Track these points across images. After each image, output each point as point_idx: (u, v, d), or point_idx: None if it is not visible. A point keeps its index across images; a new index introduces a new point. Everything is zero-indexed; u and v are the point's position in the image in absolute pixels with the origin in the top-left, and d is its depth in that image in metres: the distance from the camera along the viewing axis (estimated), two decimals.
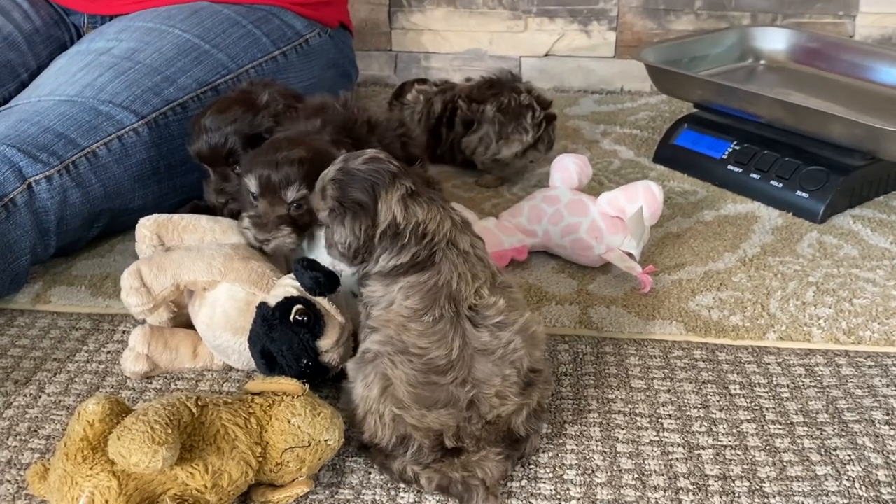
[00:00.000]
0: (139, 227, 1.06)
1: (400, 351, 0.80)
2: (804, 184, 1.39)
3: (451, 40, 2.05)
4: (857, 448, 0.90)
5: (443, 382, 0.80)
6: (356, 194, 0.84)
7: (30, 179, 1.13)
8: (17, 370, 1.04)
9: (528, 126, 1.48)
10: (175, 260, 0.98)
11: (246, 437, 0.78)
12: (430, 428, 0.80)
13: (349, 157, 0.88)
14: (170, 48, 1.32)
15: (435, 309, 0.81)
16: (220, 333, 0.98)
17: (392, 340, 0.81)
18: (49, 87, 1.25)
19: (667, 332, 1.09)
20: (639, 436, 0.92)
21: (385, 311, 0.82)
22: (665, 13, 1.96)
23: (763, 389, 0.99)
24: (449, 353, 0.80)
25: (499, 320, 0.82)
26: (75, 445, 0.75)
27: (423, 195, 0.85)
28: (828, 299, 1.15)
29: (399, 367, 0.80)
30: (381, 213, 0.83)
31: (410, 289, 0.82)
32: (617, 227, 1.20)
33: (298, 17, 1.49)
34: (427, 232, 0.83)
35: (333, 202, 0.85)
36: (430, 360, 0.80)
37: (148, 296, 0.97)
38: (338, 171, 0.87)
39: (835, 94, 1.58)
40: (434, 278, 0.82)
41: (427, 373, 0.80)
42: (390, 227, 0.83)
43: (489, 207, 1.43)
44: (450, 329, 0.80)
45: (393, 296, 0.82)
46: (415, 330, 0.80)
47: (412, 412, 0.80)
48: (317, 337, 0.92)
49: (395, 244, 0.83)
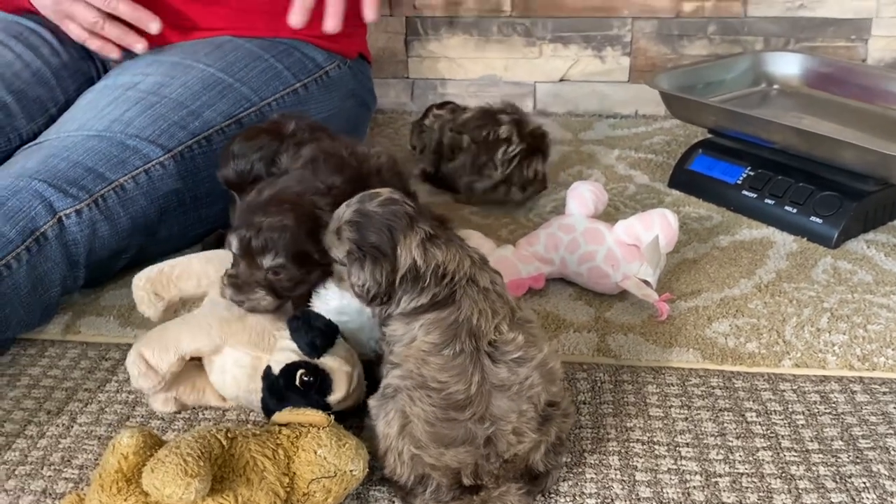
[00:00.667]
0: (135, 290, 1.08)
1: (419, 385, 0.81)
2: (818, 209, 1.40)
3: (467, 67, 2.08)
4: (871, 475, 0.91)
5: (461, 419, 0.81)
6: (374, 238, 0.85)
7: (60, 213, 1.16)
8: (49, 400, 1.07)
9: (497, 162, 1.48)
10: (174, 334, 1.00)
11: (274, 468, 0.80)
12: (448, 466, 0.81)
13: (364, 198, 0.88)
14: (195, 82, 1.35)
15: (455, 343, 0.82)
16: (234, 394, 1.01)
17: (412, 374, 0.82)
18: (78, 122, 1.28)
19: (684, 360, 1.11)
20: (657, 464, 0.93)
21: (406, 348, 0.84)
22: (678, 38, 1.98)
23: (779, 417, 1.01)
24: (468, 387, 0.81)
25: (517, 356, 0.83)
26: (110, 477, 0.77)
27: (441, 236, 0.87)
28: (842, 325, 1.17)
29: (418, 404, 0.81)
30: (401, 258, 0.85)
31: (431, 325, 0.83)
32: (633, 255, 1.22)
33: (319, 49, 1.52)
34: (447, 272, 0.85)
35: (351, 245, 0.87)
36: (448, 394, 0.81)
37: (156, 377, 0.98)
38: (354, 212, 0.87)
39: (848, 119, 1.60)
40: (454, 314, 0.83)
41: (446, 409, 0.81)
42: (410, 270, 0.84)
43: (506, 234, 1.45)
44: (469, 364, 0.81)
45: (414, 332, 0.84)
46: (434, 363, 0.81)
47: (430, 451, 0.81)
48: (326, 394, 0.93)
49: (416, 287, 0.84)
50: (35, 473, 0.94)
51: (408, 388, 0.82)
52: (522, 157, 1.48)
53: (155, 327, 1.04)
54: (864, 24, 1.91)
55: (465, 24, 2.04)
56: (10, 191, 1.14)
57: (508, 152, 1.47)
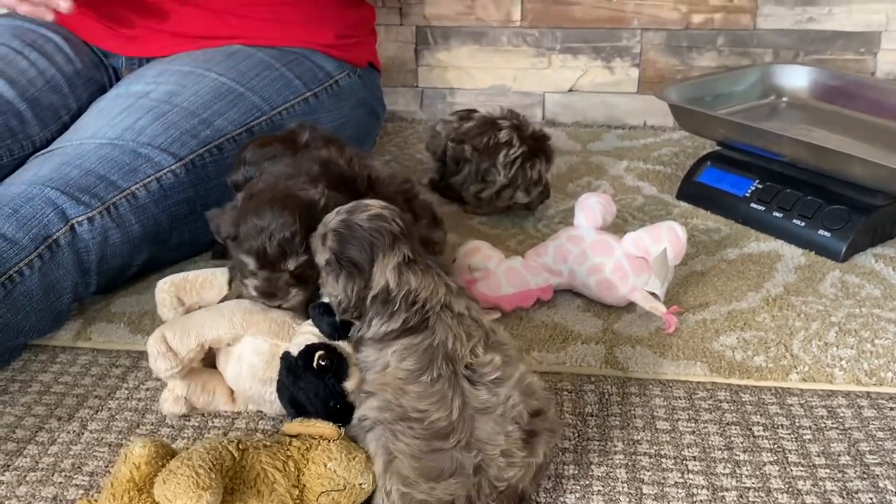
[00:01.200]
0: (158, 293, 1.09)
1: (400, 417, 0.80)
2: (826, 223, 1.41)
3: (476, 77, 2.09)
4: (878, 491, 0.91)
5: (446, 448, 0.79)
6: (353, 253, 0.86)
7: (72, 221, 1.17)
8: (60, 407, 1.07)
9: (499, 166, 1.49)
10: (197, 321, 1.01)
11: (284, 481, 0.81)
12: (441, 500, 0.79)
13: (355, 209, 0.88)
14: (206, 91, 1.36)
15: (432, 369, 0.81)
16: (249, 386, 1.01)
17: (391, 405, 0.81)
18: (90, 130, 1.29)
19: (691, 373, 1.11)
20: (664, 477, 0.94)
21: (381, 375, 0.83)
22: (687, 50, 1.99)
23: (786, 431, 1.01)
24: (449, 414, 0.80)
25: (495, 376, 0.83)
26: (122, 486, 0.78)
27: (420, 262, 0.87)
28: (850, 340, 1.17)
29: (401, 439, 0.79)
30: (375, 278, 0.85)
31: (405, 351, 0.83)
32: (641, 268, 1.22)
33: (329, 58, 1.53)
34: (417, 300, 0.84)
35: (331, 255, 0.87)
36: (431, 423, 0.79)
37: (175, 359, 0.99)
38: (341, 221, 0.88)
39: (857, 132, 1.60)
40: (428, 339, 0.83)
41: (430, 439, 0.79)
42: (382, 292, 0.85)
43: (514, 245, 1.46)
44: (448, 388, 0.80)
45: (387, 359, 0.84)
46: (413, 392, 0.81)
47: (420, 487, 0.79)
48: (341, 380, 0.93)
49: (386, 310, 0.84)
50: (46, 480, 0.95)
51: (388, 422, 0.81)
52: (525, 158, 1.49)
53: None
54: (873, 38, 1.92)
55: (475, 34, 2.05)
56: (24, 198, 1.15)
57: (510, 155, 1.49)
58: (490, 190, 1.51)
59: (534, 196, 1.53)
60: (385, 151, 1.90)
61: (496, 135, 1.49)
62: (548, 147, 1.54)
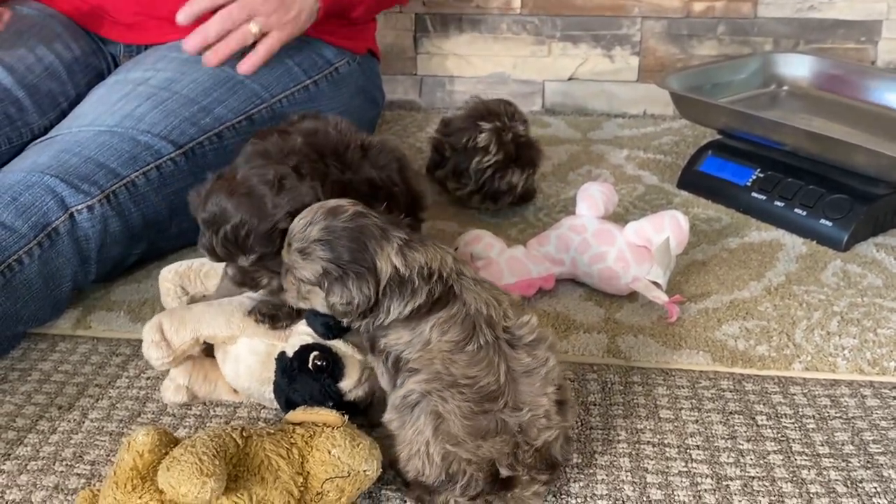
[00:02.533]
0: (161, 281, 1.09)
1: (450, 385, 0.81)
2: (828, 212, 1.40)
3: (476, 64, 2.08)
4: (882, 480, 0.91)
5: (495, 409, 0.81)
6: (351, 255, 0.84)
7: (72, 209, 1.16)
8: (60, 395, 1.07)
9: (471, 171, 1.46)
10: (196, 314, 1.00)
11: (288, 468, 0.80)
12: (484, 458, 0.81)
13: (329, 214, 0.86)
14: (206, 79, 1.35)
15: (477, 337, 0.82)
16: (247, 385, 1.01)
17: (440, 376, 0.81)
18: (89, 118, 1.28)
19: (694, 362, 1.11)
20: (668, 466, 0.94)
21: (425, 351, 0.83)
22: (688, 38, 1.98)
23: (789, 420, 1.01)
24: (497, 378, 0.81)
25: (533, 338, 0.84)
26: (125, 475, 0.77)
27: (415, 239, 0.86)
28: (852, 329, 1.17)
29: (451, 402, 0.80)
30: (382, 270, 0.83)
31: (445, 324, 0.83)
32: (643, 257, 1.22)
33: (328, 45, 1.52)
34: (433, 271, 0.84)
35: (327, 264, 0.84)
36: (481, 387, 0.81)
37: (168, 349, 0.99)
38: (322, 230, 0.85)
39: (858, 121, 1.60)
40: (463, 308, 0.83)
41: (480, 401, 0.81)
42: (392, 279, 0.83)
43: (515, 233, 1.46)
44: (494, 354, 0.82)
45: (426, 335, 0.83)
46: (462, 360, 0.81)
47: (467, 445, 0.80)
48: (337, 380, 0.94)
49: (404, 291, 0.83)
50: (47, 469, 0.94)
51: (437, 391, 0.81)
52: (497, 167, 1.46)
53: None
54: (874, 27, 1.91)
55: (475, 22, 2.04)
56: (23, 185, 1.14)
57: (483, 162, 1.45)
58: (462, 191, 1.50)
59: (500, 205, 1.50)
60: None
61: (475, 137, 1.46)
62: (528, 154, 1.50)
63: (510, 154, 1.47)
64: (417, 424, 0.82)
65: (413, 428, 0.83)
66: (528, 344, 0.84)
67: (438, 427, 0.81)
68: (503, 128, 1.47)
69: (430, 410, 0.81)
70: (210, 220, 0.95)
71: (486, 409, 0.81)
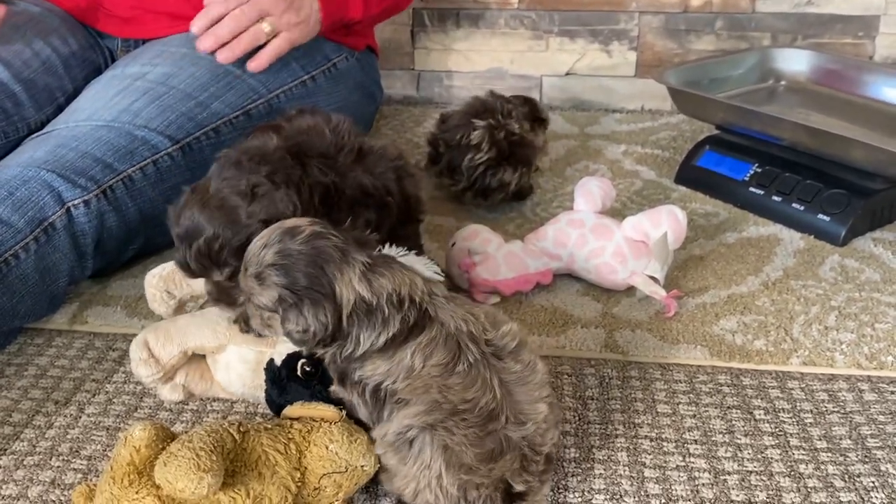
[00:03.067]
0: (147, 286, 1.07)
1: (451, 414, 0.77)
2: (826, 207, 1.40)
3: (473, 59, 2.07)
4: (880, 475, 0.91)
5: (499, 427, 0.78)
6: (307, 280, 0.78)
7: (68, 204, 1.16)
8: (57, 390, 1.07)
9: (463, 168, 1.46)
10: (181, 327, 0.99)
11: (286, 463, 0.80)
12: (497, 479, 0.79)
13: (285, 236, 0.80)
14: (203, 73, 1.34)
15: (465, 355, 0.79)
16: (241, 393, 1.01)
17: (440, 406, 0.77)
18: (86, 112, 1.28)
19: (691, 357, 1.11)
20: (665, 461, 0.93)
21: (412, 379, 0.78)
22: (685, 33, 1.98)
23: (787, 415, 1.01)
24: (494, 394, 0.78)
25: (515, 344, 0.82)
26: (122, 470, 0.77)
27: (380, 263, 0.81)
28: (850, 324, 1.17)
29: (457, 432, 0.77)
30: (342, 296, 0.78)
31: (426, 347, 0.78)
32: (641, 252, 1.22)
33: (327, 41, 1.52)
34: (402, 298, 0.79)
35: (281, 290, 0.79)
36: (481, 409, 0.77)
37: (157, 366, 0.98)
38: (276, 254, 0.79)
39: (855, 116, 1.60)
40: (442, 329, 0.79)
41: (484, 424, 0.77)
42: (358, 306, 0.78)
43: (513, 229, 1.45)
44: (485, 370, 0.78)
45: (407, 362, 0.78)
46: (456, 385, 0.78)
47: (481, 471, 0.78)
48: (328, 385, 0.91)
49: (374, 320, 0.78)
50: (44, 464, 0.94)
51: (440, 423, 0.77)
52: (488, 165, 1.45)
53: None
54: (872, 21, 1.91)
55: (472, 17, 2.03)
56: (20, 180, 1.14)
57: (475, 160, 1.44)
58: (456, 187, 1.50)
59: (493, 202, 1.50)
60: (381, 135, 1.89)
61: (469, 134, 1.45)
62: (523, 153, 1.49)
63: (503, 152, 1.45)
64: (423, 459, 0.78)
65: (418, 463, 0.78)
66: (512, 352, 0.81)
67: (449, 461, 0.77)
68: (496, 126, 1.45)
69: (437, 445, 0.77)
70: (183, 234, 0.93)
71: (490, 431, 0.78)
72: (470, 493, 0.78)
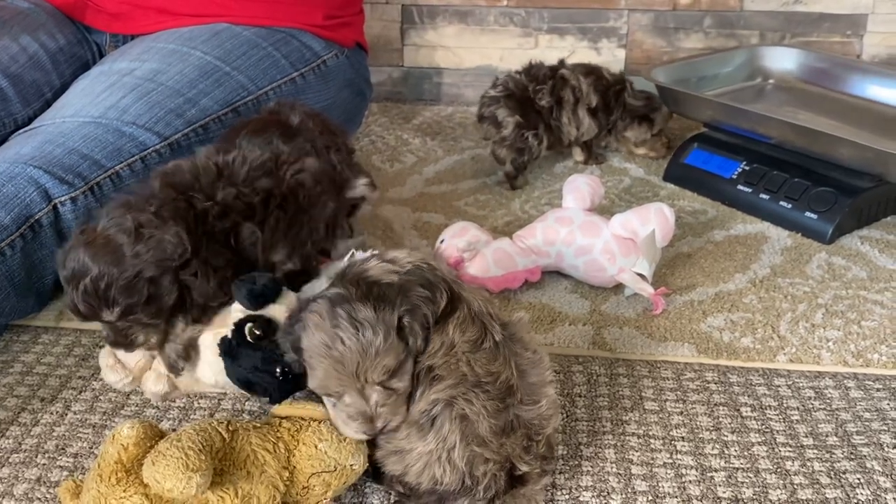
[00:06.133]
0: (100, 359, 1.06)
1: (474, 385, 0.79)
2: (813, 205, 1.41)
3: (463, 56, 2.07)
4: (865, 471, 0.92)
5: (514, 404, 0.80)
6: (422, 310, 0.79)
7: (55, 201, 1.15)
8: (43, 388, 1.06)
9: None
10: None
11: (274, 462, 0.80)
12: (504, 456, 0.80)
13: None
14: (191, 70, 1.34)
15: (491, 334, 0.81)
16: (214, 380, 1.00)
17: (466, 378, 0.79)
18: (73, 108, 1.27)
19: (679, 354, 1.12)
20: (653, 457, 0.94)
21: (449, 356, 0.80)
22: (674, 31, 1.98)
23: (773, 412, 1.01)
24: (512, 372, 0.81)
25: (525, 332, 0.84)
26: (109, 468, 0.77)
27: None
28: (837, 321, 1.18)
29: (476, 402, 0.78)
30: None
31: (463, 323, 0.81)
32: (629, 249, 1.22)
33: (316, 38, 1.51)
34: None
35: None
36: (501, 382, 0.80)
37: (124, 370, 1.00)
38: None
39: (843, 114, 1.61)
40: (468, 308, 0.82)
41: (502, 397, 0.80)
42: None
43: (502, 225, 1.46)
44: (505, 349, 0.81)
45: (450, 337, 0.80)
46: (482, 359, 0.80)
47: (492, 445, 0.79)
48: (279, 344, 0.91)
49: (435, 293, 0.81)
50: (29, 461, 0.94)
51: (462, 394, 0.79)
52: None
53: None
54: (859, 20, 1.92)
55: (461, 13, 2.03)
56: (6, 177, 1.13)
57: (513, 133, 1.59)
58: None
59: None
60: (370, 132, 1.88)
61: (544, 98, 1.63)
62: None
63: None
64: (441, 433, 0.79)
65: (436, 437, 0.79)
66: (521, 339, 0.84)
67: (465, 431, 0.78)
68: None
69: (456, 415, 0.78)
70: (70, 276, 0.93)
71: (507, 405, 0.80)
72: (477, 468, 0.79)
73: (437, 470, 0.80)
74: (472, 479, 0.80)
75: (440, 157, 1.75)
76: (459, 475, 0.79)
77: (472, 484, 0.80)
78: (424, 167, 1.70)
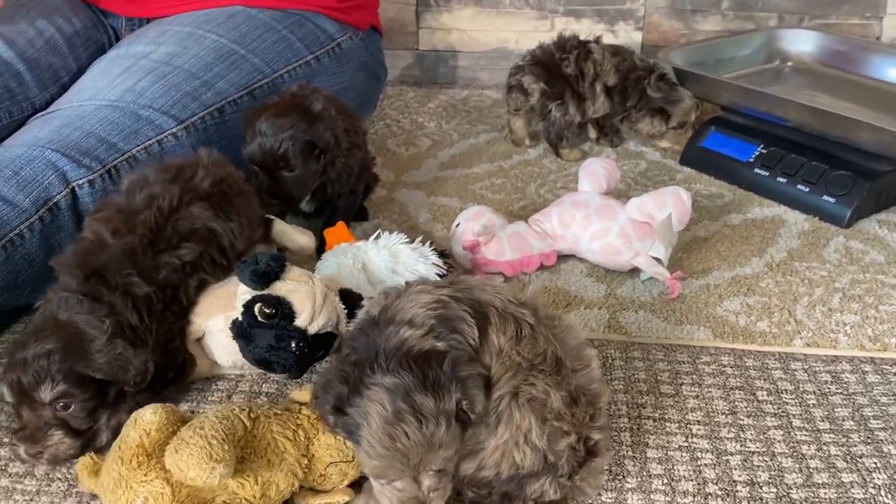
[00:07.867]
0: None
1: (529, 369, 0.79)
2: (831, 188, 1.40)
3: (478, 39, 2.06)
4: (882, 456, 0.92)
5: (568, 374, 0.81)
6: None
7: (73, 184, 1.16)
8: None
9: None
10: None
11: (294, 450, 0.81)
12: (580, 426, 0.80)
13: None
14: (207, 53, 1.34)
15: (522, 322, 0.80)
16: (230, 362, 1.01)
17: (520, 367, 0.79)
18: (90, 92, 1.28)
19: (695, 338, 1.11)
20: (668, 441, 0.94)
21: (500, 358, 0.79)
22: (692, 13, 1.97)
23: (790, 396, 1.01)
24: (555, 346, 0.81)
25: (540, 303, 0.85)
26: (131, 451, 0.78)
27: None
28: (854, 305, 1.17)
29: (539, 382, 0.78)
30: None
31: (499, 325, 0.80)
32: (645, 233, 1.22)
33: (331, 20, 1.51)
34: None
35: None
36: (551, 357, 0.80)
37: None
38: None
39: (861, 98, 1.59)
40: (494, 307, 0.81)
41: (557, 371, 0.80)
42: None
43: (518, 210, 1.45)
44: (539, 326, 0.81)
45: (495, 343, 0.79)
46: (527, 346, 0.80)
47: (567, 416, 0.80)
48: (291, 319, 0.92)
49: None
50: None
51: (522, 381, 0.78)
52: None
53: None
54: (879, 2, 1.90)
55: None
56: (25, 160, 1.14)
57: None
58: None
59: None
60: (385, 115, 1.88)
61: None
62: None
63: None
64: (514, 421, 0.78)
65: (508, 427, 0.78)
66: (547, 317, 0.84)
67: (539, 411, 0.78)
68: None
69: (524, 401, 0.78)
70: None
71: (563, 376, 0.80)
72: (557, 443, 0.79)
73: (517, 455, 0.79)
74: (555, 455, 0.79)
75: (455, 140, 1.75)
76: (540, 455, 0.79)
77: (555, 460, 0.80)
78: (440, 151, 1.70)
